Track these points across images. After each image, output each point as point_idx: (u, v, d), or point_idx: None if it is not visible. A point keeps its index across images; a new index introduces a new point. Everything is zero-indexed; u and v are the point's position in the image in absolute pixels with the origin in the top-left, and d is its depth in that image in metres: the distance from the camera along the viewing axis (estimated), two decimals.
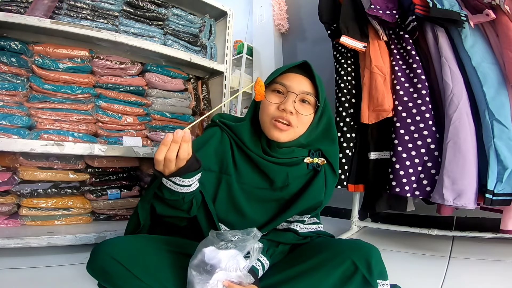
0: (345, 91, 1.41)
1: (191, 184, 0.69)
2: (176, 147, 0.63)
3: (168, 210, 0.73)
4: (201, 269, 0.60)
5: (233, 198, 0.82)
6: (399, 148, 1.19)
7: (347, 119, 1.38)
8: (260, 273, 0.71)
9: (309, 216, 0.84)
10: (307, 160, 0.85)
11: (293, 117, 0.79)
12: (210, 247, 0.62)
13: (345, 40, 1.33)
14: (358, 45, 1.34)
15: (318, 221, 0.89)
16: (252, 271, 0.67)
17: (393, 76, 1.29)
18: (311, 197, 0.83)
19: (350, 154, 1.37)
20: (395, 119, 1.23)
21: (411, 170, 1.17)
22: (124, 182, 1.46)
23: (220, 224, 0.81)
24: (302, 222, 0.83)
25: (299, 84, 0.80)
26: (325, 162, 0.87)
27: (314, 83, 0.82)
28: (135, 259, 0.66)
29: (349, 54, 1.45)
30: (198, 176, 0.70)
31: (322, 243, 0.79)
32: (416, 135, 1.19)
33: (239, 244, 0.63)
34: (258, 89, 0.74)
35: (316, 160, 0.85)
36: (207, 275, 0.60)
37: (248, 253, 0.64)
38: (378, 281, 0.69)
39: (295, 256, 0.79)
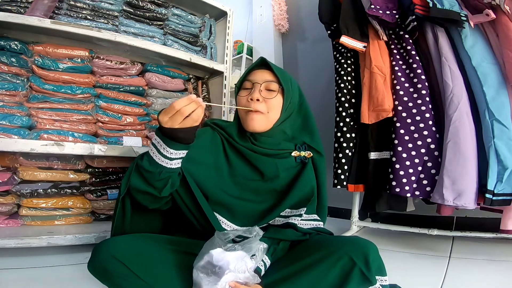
0: (345, 91, 1.41)
1: (173, 159, 0.70)
2: (194, 107, 0.66)
3: (141, 184, 0.73)
4: (208, 271, 0.61)
5: (226, 191, 0.84)
6: (399, 148, 1.19)
7: (347, 119, 1.38)
8: (263, 272, 0.72)
9: (305, 209, 0.85)
10: (294, 153, 0.90)
11: (262, 104, 0.86)
12: (217, 249, 0.63)
13: (345, 40, 1.33)
14: (358, 45, 1.35)
15: (318, 218, 0.90)
16: (256, 270, 0.67)
17: (393, 76, 1.29)
18: (301, 187, 0.86)
19: (350, 154, 1.36)
20: (395, 119, 1.23)
21: (411, 170, 1.17)
22: None
23: (216, 215, 0.82)
24: (300, 216, 0.84)
25: (261, 76, 0.89)
26: (312, 154, 0.92)
27: (273, 72, 0.89)
28: (136, 258, 0.66)
29: (349, 54, 1.45)
30: (182, 154, 0.72)
31: (320, 241, 0.80)
32: (416, 135, 1.19)
33: (245, 245, 0.64)
34: None
35: (303, 153, 0.91)
36: (215, 277, 0.60)
37: (253, 253, 0.64)
38: (377, 277, 0.69)
39: (294, 254, 0.79)
